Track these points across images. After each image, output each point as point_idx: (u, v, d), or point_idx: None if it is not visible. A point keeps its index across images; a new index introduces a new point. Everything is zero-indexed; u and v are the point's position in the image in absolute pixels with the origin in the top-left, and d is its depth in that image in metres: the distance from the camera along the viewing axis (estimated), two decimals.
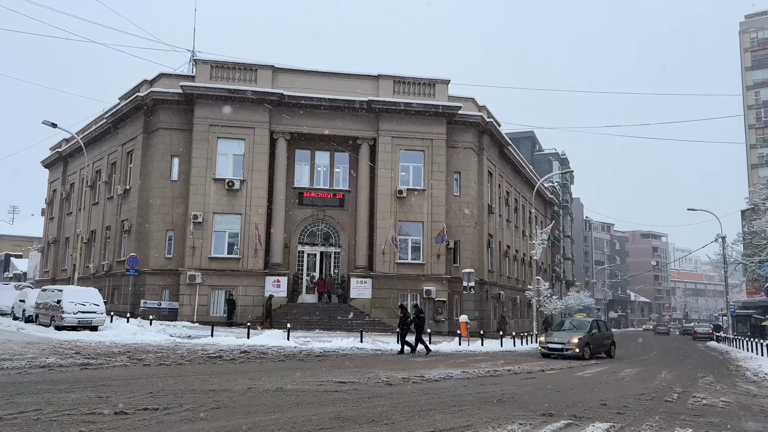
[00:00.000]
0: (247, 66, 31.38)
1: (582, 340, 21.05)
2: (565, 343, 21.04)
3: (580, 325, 23.11)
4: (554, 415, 8.74)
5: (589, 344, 21.41)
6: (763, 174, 71.40)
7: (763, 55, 77.42)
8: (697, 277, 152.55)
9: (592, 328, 22.29)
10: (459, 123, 33.62)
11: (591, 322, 23.15)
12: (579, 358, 20.53)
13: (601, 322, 24.74)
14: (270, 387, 10.44)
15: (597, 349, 22.23)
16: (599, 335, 22.67)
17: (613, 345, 23.84)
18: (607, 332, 23.97)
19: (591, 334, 21.88)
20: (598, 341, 22.42)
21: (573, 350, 20.63)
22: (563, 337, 21.58)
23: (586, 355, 20.96)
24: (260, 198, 30.44)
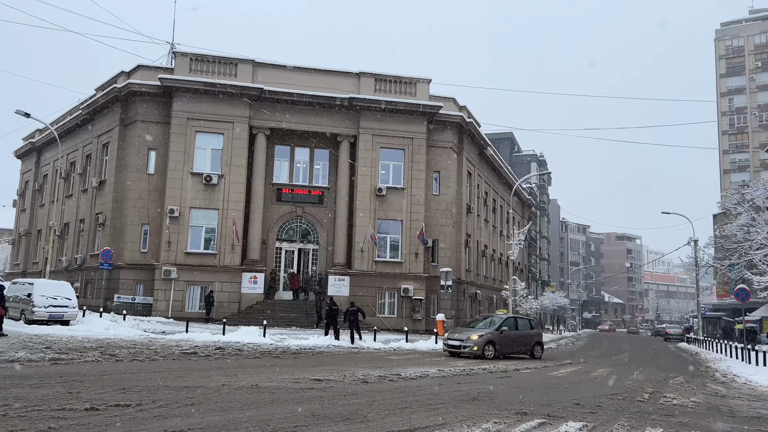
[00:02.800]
0: (227, 60, 31.08)
1: (483, 338, 19.27)
2: (464, 340, 19.39)
3: (492, 322, 20.92)
4: (528, 414, 8.82)
5: (494, 343, 19.45)
6: (735, 179, 72.97)
7: (736, 62, 79.05)
8: (669, 279, 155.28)
9: (501, 326, 20.22)
10: (439, 122, 33.73)
11: (503, 319, 21.02)
12: (478, 357, 18.89)
13: (522, 320, 22.72)
14: (245, 384, 10.36)
15: (508, 349, 20.22)
16: (512, 334, 20.54)
17: (538, 345, 21.73)
18: (528, 331, 21.72)
19: (499, 332, 19.90)
20: (510, 340, 20.37)
21: (471, 348, 19.02)
22: (464, 334, 19.88)
23: (488, 354, 19.13)
24: (238, 193, 30.18)
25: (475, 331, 20.07)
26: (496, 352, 19.43)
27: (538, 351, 21.57)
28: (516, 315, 24.01)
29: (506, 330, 20.23)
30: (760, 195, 49.30)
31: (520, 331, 21.22)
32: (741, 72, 78.52)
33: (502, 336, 19.93)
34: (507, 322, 20.74)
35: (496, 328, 20.07)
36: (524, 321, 22.63)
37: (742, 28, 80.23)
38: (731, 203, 53.89)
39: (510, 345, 20.39)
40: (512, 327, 20.88)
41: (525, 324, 22.14)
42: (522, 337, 21.13)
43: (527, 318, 23.20)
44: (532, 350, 21.28)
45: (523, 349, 21.12)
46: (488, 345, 19.29)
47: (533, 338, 21.60)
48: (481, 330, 20.07)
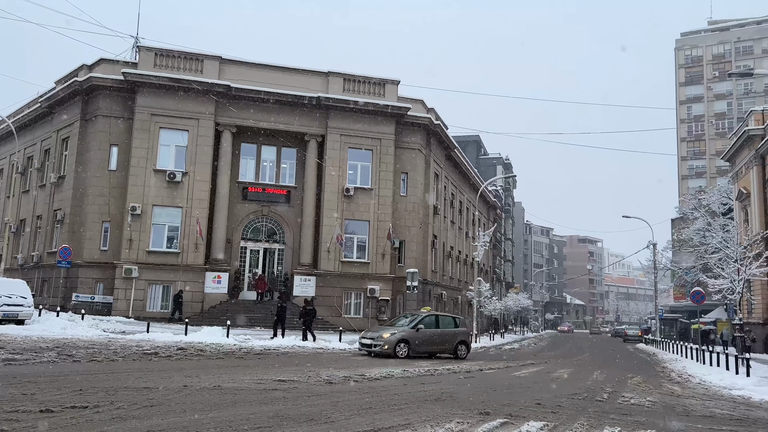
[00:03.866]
0: (193, 55, 30.60)
1: (394, 337, 18.56)
2: (374, 338, 18.69)
3: (412, 320, 20.09)
4: (491, 413, 8.92)
5: (407, 341, 18.76)
6: (693, 185, 75.25)
7: (695, 72, 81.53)
8: (629, 282, 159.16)
9: (418, 324, 19.46)
10: (408, 124, 33.87)
11: (420, 317, 20.22)
12: (389, 356, 18.15)
13: (445, 318, 21.66)
14: (207, 385, 10.20)
15: (425, 348, 19.53)
16: (430, 332, 19.72)
17: (463, 344, 20.69)
18: (450, 329, 20.66)
19: (415, 330, 19.19)
20: (428, 339, 19.58)
21: (381, 347, 18.30)
22: (378, 332, 19.21)
23: (400, 353, 18.43)
24: (203, 191, 29.73)
25: (389, 329, 19.41)
26: (411, 351, 18.76)
27: (462, 350, 20.52)
28: (439, 313, 22.66)
29: (423, 328, 19.45)
30: (715, 201, 51.07)
31: (441, 329, 20.27)
32: (699, 81, 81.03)
33: (418, 334, 19.18)
34: (425, 320, 19.94)
35: (412, 326, 19.37)
36: (447, 319, 21.54)
37: (701, 38, 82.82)
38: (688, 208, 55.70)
39: (428, 344, 19.58)
40: (432, 325, 20.05)
41: (448, 322, 21.14)
42: (443, 336, 20.16)
43: (452, 316, 22.23)
44: (455, 349, 20.31)
45: (445, 348, 20.20)
46: (401, 343, 18.58)
47: (457, 337, 20.52)
48: (396, 328, 19.43)
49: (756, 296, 34.95)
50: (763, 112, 37.05)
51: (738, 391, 14.65)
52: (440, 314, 22.12)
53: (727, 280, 29.82)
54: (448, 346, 20.22)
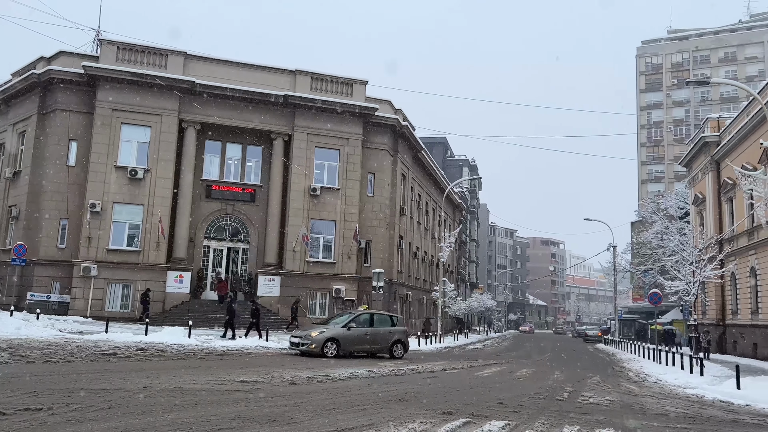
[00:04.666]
0: (157, 50, 29.99)
1: (323, 335, 18.16)
2: (302, 337, 18.39)
3: (344, 319, 19.64)
4: (454, 413, 8.99)
5: (337, 340, 18.33)
6: (652, 189, 77.33)
7: (655, 79, 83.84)
8: (589, 283, 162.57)
9: (349, 323, 19.04)
10: (375, 124, 33.89)
11: (353, 316, 19.77)
12: (317, 355, 17.75)
13: (381, 316, 20.89)
14: (167, 386, 10.02)
15: (357, 347, 19.03)
16: (363, 331, 19.23)
17: (399, 344, 20.17)
18: (386, 328, 20.12)
19: (346, 329, 18.76)
20: (360, 338, 19.11)
21: (309, 346, 17.92)
22: (308, 331, 18.92)
23: (329, 352, 18.00)
24: (165, 189, 29.17)
25: (319, 327, 19.09)
26: (340, 350, 18.34)
27: (398, 350, 20.04)
28: (374, 311, 22.14)
29: (355, 327, 19.02)
30: (673, 205, 52.61)
31: (375, 328, 19.70)
32: (659, 88, 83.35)
33: (349, 333, 18.75)
34: (358, 319, 19.50)
35: (343, 324, 18.96)
36: (384, 318, 20.87)
37: (661, 46, 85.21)
38: (647, 212, 57.24)
39: (360, 343, 19.12)
40: (365, 324, 19.53)
41: (384, 321, 20.54)
42: (378, 335, 19.67)
43: (388, 315, 21.64)
44: (391, 349, 19.86)
45: (380, 347, 19.75)
46: (330, 343, 18.16)
47: (393, 336, 20.03)
48: (326, 327, 19.09)
49: (710, 298, 36.09)
50: (719, 119, 38.28)
51: (692, 390, 15.11)
52: (376, 313, 21.42)
53: (683, 282, 30.73)
54: (383, 345, 19.77)
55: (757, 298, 30.44)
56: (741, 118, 33.26)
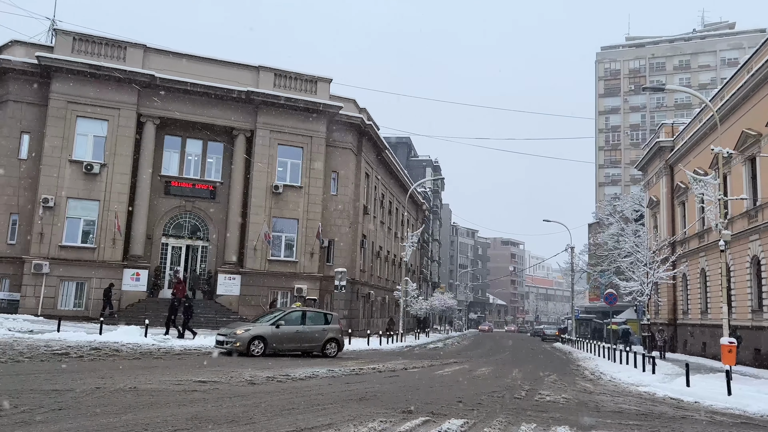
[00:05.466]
0: (115, 42, 29.21)
1: (248, 333, 17.54)
2: (227, 335, 17.66)
3: (274, 316, 19.05)
4: (413, 412, 9.04)
5: (264, 338, 17.73)
6: (609, 192, 79.34)
7: (613, 84, 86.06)
8: (548, 283, 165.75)
9: (278, 320, 18.46)
10: (339, 123, 33.77)
11: (283, 313, 19.17)
12: (242, 354, 17.14)
13: (314, 314, 20.28)
14: (122, 386, 9.77)
15: (286, 345, 18.45)
16: (293, 329, 18.68)
17: (333, 342, 19.59)
18: (318, 326, 19.49)
19: (275, 327, 18.17)
20: (290, 336, 18.55)
21: (233, 344, 17.27)
22: (232, 328, 18.19)
23: (255, 351, 17.40)
24: (122, 184, 28.45)
25: (245, 325, 18.44)
26: (268, 348, 17.77)
27: (332, 349, 19.46)
28: (307, 309, 21.50)
29: (284, 324, 18.46)
30: (628, 207, 54.12)
31: (307, 326, 19.14)
32: (617, 93, 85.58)
33: (278, 331, 18.17)
34: (288, 317, 18.92)
35: (271, 322, 18.37)
36: (317, 315, 20.25)
37: (620, 53, 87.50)
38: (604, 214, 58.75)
39: (290, 341, 18.55)
40: (297, 322, 19.00)
41: (317, 319, 19.95)
42: (310, 333, 19.10)
43: (323, 312, 21.02)
44: (323, 348, 19.29)
45: (312, 346, 19.16)
46: (256, 341, 17.55)
47: (326, 334, 19.45)
48: (252, 324, 18.47)
49: (662, 298, 37.24)
50: (673, 125, 39.55)
51: (644, 388, 15.55)
52: (309, 310, 20.81)
53: (637, 282, 31.65)
54: (315, 344, 19.19)
55: (707, 298, 31.57)
56: (694, 124, 34.43)
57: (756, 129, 25.17)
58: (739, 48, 76.14)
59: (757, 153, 25.25)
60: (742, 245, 26.18)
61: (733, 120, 27.64)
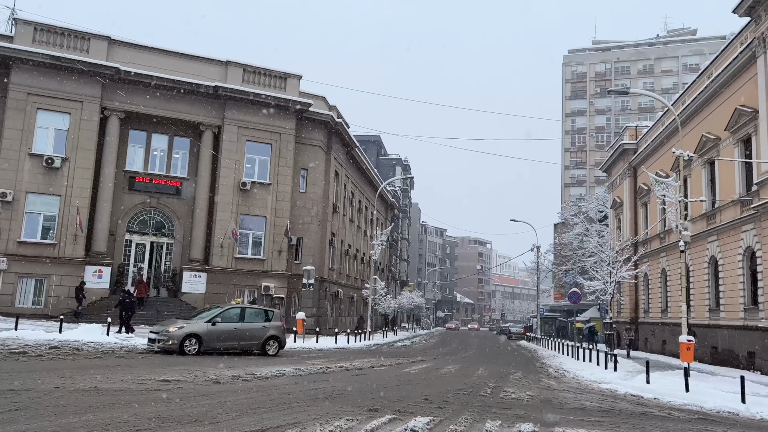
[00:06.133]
0: (79, 33, 28.47)
1: (182, 331, 16.79)
2: (159, 332, 16.86)
3: (211, 313, 18.37)
4: (380, 410, 9.05)
5: (199, 336, 17.03)
6: (574, 192, 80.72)
7: (579, 87, 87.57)
8: (514, 282, 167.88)
9: (215, 318, 17.74)
10: (309, 120, 33.59)
11: (221, 310, 18.47)
12: (175, 352, 16.42)
13: (254, 311, 19.60)
14: (82, 386, 9.54)
15: (223, 343, 17.77)
16: (231, 326, 17.96)
17: (274, 339, 18.90)
18: (258, 323, 18.81)
19: (210, 324, 17.49)
20: (228, 334, 17.83)
21: (165, 342, 16.54)
22: (165, 325, 17.43)
23: (189, 349, 16.70)
24: (84, 179, 27.77)
25: (179, 322, 17.69)
26: (203, 346, 17.10)
27: (272, 347, 18.84)
28: (247, 305, 20.76)
29: (221, 322, 17.75)
30: (593, 208, 55.17)
31: (246, 323, 18.49)
32: (583, 96, 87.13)
33: (214, 329, 17.48)
34: (226, 314, 18.23)
35: (207, 319, 17.70)
36: (257, 312, 19.58)
37: (586, 56, 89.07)
38: (569, 214, 59.77)
39: (227, 339, 17.86)
40: (235, 319, 18.32)
41: (257, 316, 19.29)
42: (248, 331, 18.44)
43: (264, 309, 20.28)
44: (263, 346, 18.65)
45: (251, 344, 18.52)
46: (190, 339, 16.83)
47: (266, 332, 18.79)
48: (186, 321, 17.77)
49: (625, 297, 38.09)
50: (637, 128, 40.45)
51: (606, 385, 15.88)
52: (248, 307, 20.13)
53: (600, 282, 32.29)
54: (254, 342, 18.56)
55: (667, 297, 32.42)
56: (656, 127, 35.29)
57: (715, 133, 25.94)
58: (700, 54, 78.32)
59: (715, 156, 26.02)
60: (700, 246, 26.96)
61: (693, 124, 28.42)
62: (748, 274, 23.02)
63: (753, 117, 22.44)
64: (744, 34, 23.71)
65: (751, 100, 22.56)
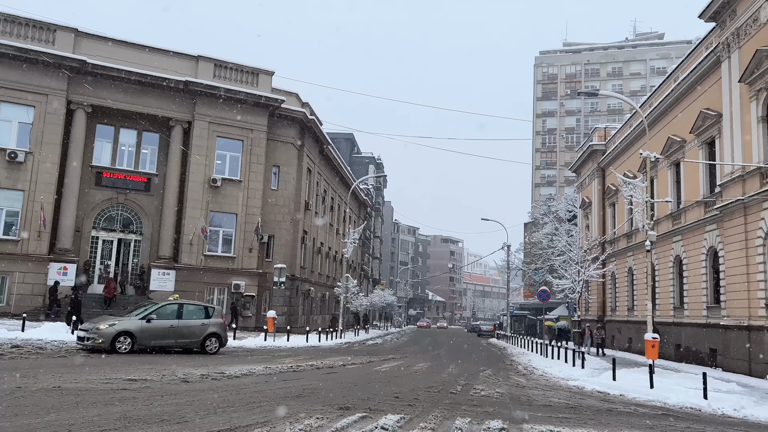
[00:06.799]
0: (44, 24, 27.72)
1: (113, 328, 16.01)
2: (88, 330, 16.08)
3: (146, 309, 17.56)
4: (351, 408, 9.03)
5: (132, 334, 16.26)
6: (544, 192, 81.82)
7: (550, 88, 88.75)
8: (485, 280, 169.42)
9: (149, 314, 16.99)
10: (281, 117, 33.33)
11: (156, 306, 17.82)
12: (106, 351, 15.64)
13: (192, 307, 18.71)
14: (45, 386, 9.31)
15: (158, 341, 17.02)
16: (167, 323, 17.17)
17: (214, 337, 18.19)
18: (196, 320, 18.03)
19: (144, 321, 16.73)
20: (163, 331, 17.07)
21: (95, 340, 15.75)
22: (95, 323, 16.71)
23: (121, 348, 15.95)
24: (49, 174, 27.07)
25: (110, 319, 16.95)
26: (137, 345, 16.36)
27: (212, 345, 18.12)
28: (185, 301, 19.74)
29: (156, 319, 17.00)
30: (562, 208, 56.00)
31: (183, 320, 17.70)
32: (553, 97, 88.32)
33: (149, 326, 16.74)
34: (161, 310, 17.45)
35: (141, 316, 16.90)
36: (196, 309, 18.67)
37: (557, 57, 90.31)
38: (539, 214, 60.59)
39: (163, 337, 17.11)
40: (171, 315, 17.53)
41: (197, 312, 18.44)
42: (186, 328, 17.68)
43: (203, 305, 19.45)
44: (203, 343, 17.93)
45: (189, 342, 17.81)
46: (122, 337, 16.07)
47: (206, 329, 18.05)
48: (118, 318, 17.04)
49: (593, 296, 38.77)
50: (605, 129, 41.16)
51: (574, 382, 16.14)
52: (187, 303, 19.16)
53: (569, 280, 32.80)
54: (193, 339, 17.85)
55: (633, 296, 33.09)
56: (624, 129, 35.97)
57: (681, 135, 26.56)
58: (667, 58, 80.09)
59: (681, 158, 26.64)
60: (666, 246, 27.58)
61: (660, 126, 29.05)
62: (711, 274, 23.64)
63: (717, 120, 23.04)
64: (709, 39, 24.32)
65: (715, 104, 23.16)
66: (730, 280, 20.97)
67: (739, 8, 21.12)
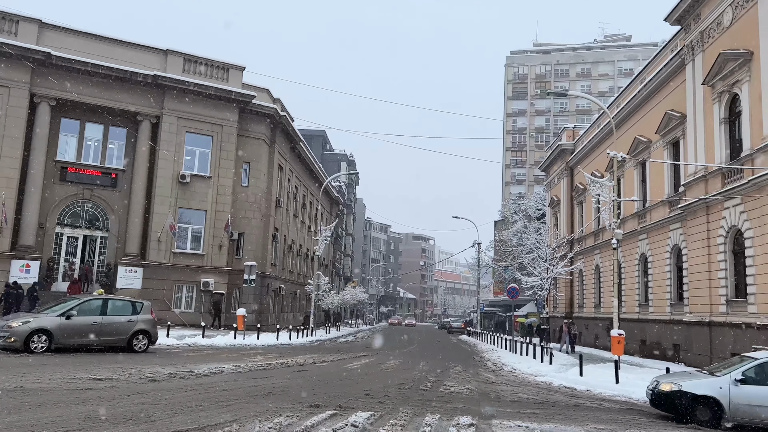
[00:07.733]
0: (6, 15, 26.89)
1: (27, 326, 14.90)
2: (1, 327, 15.02)
3: (67, 305, 16.23)
4: (321, 406, 9.02)
5: (49, 332, 15.13)
6: (514, 191, 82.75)
7: (521, 88, 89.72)
8: (456, 278, 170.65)
9: (70, 310, 15.80)
10: (252, 113, 32.99)
11: (78, 302, 16.43)
12: (19, 351, 14.58)
13: (119, 302, 17.52)
14: (7, 386, 9.07)
15: (79, 339, 15.87)
16: (91, 321, 16.06)
17: (143, 334, 17.07)
18: (123, 317, 16.83)
19: (64, 318, 15.56)
20: (86, 328, 15.93)
21: (7, 339, 14.67)
22: (7, 320, 15.78)
23: (37, 347, 14.86)
24: (11, 169, 26.31)
25: (25, 316, 15.85)
26: (54, 343, 15.19)
27: (140, 343, 17.01)
28: (110, 297, 18.46)
29: (77, 315, 15.85)
30: (532, 206, 56.72)
31: (108, 317, 16.51)
32: (524, 97, 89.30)
33: (68, 323, 15.57)
34: (84, 306, 16.26)
35: (60, 312, 15.66)
36: (122, 305, 17.43)
37: (527, 57, 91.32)
38: (509, 212, 61.27)
39: (85, 334, 15.93)
40: (94, 312, 16.37)
41: (123, 308, 17.20)
42: (111, 325, 16.48)
43: (130, 300, 18.14)
44: (130, 341, 16.79)
45: (114, 339, 16.62)
46: (38, 335, 14.96)
47: (133, 326, 16.90)
48: (33, 315, 15.81)
49: (561, 293, 39.40)
50: (574, 129, 41.83)
51: (542, 378, 16.39)
52: (112, 298, 17.90)
53: (538, 278, 33.24)
54: (119, 337, 16.67)
55: (600, 293, 33.73)
56: (593, 129, 36.60)
57: (647, 136, 27.14)
58: (635, 59, 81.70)
59: (647, 158, 27.23)
60: (632, 244, 28.17)
61: (627, 126, 29.63)
62: (675, 271, 24.24)
63: (681, 121, 23.61)
64: (674, 42, 24.89)
65: (680, 105, 23.73)
66: (692, 278, 21.54)
67: (703, 12, 21.66)
